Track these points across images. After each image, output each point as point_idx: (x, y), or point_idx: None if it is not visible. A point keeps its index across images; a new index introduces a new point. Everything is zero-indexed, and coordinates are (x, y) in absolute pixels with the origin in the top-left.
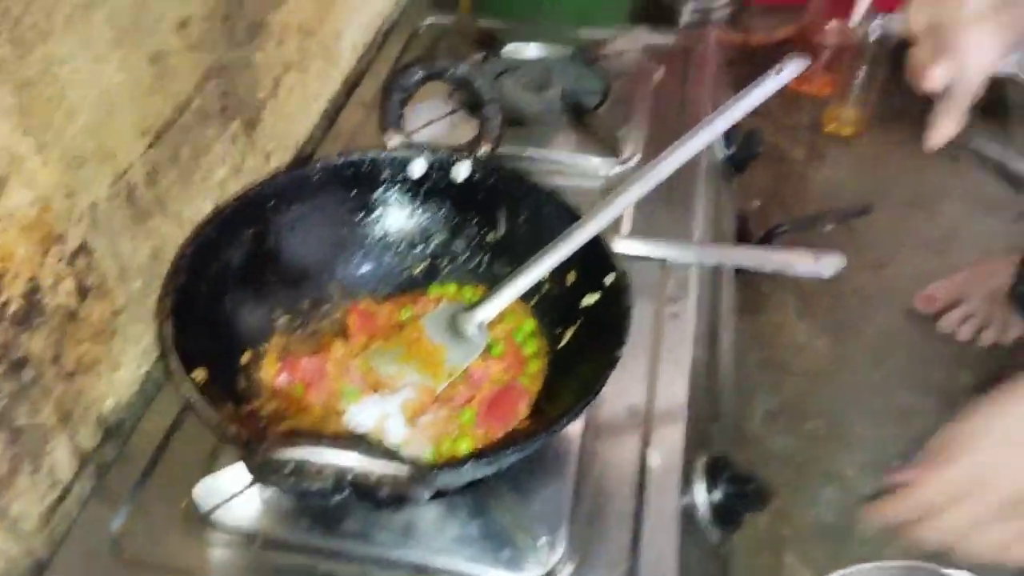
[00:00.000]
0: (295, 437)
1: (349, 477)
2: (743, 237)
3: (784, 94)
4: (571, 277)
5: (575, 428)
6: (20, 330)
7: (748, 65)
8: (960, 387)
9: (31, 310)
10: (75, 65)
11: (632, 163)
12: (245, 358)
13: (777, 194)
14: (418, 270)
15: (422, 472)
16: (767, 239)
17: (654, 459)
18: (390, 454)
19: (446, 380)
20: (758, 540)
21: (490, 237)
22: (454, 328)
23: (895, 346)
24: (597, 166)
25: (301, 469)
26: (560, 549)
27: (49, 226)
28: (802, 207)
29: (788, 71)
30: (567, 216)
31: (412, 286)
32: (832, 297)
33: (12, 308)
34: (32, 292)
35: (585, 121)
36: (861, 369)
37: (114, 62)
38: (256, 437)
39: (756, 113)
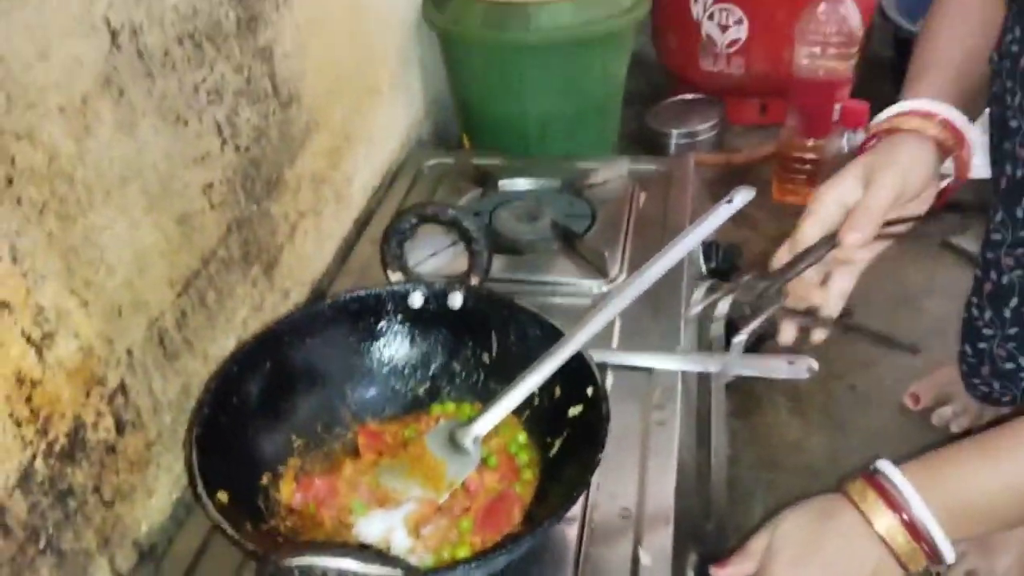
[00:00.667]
0: (300, 547)
1: None
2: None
3: (769, 206)
4: (557, 391)
5: (571, 531)
6: (65, 464)
7: (729, 182)
8: None
9: (75, 446)
10: (113, 231)
11: (619, 281)
12: (265, 479)
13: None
14: (421, 391)
15: (414, 574)
16: (755, 345)
17: (645, 558)
18: (384, 558)
19: (447, 491)
20: None
21: (485, 357)
22: (453, 443)
23: (890, 440)
24: (588, 286)
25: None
26: None
27: (91, 370)
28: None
29: (738, 200)
30: (552, 334)
31: (415, 406)
32: (824, 395)
33: (59, 445)
34: (76, 430)
35: (575, 246)
36: (857, 464)
37: (147, 226)
38: (271, 552)
39: (744, 224)
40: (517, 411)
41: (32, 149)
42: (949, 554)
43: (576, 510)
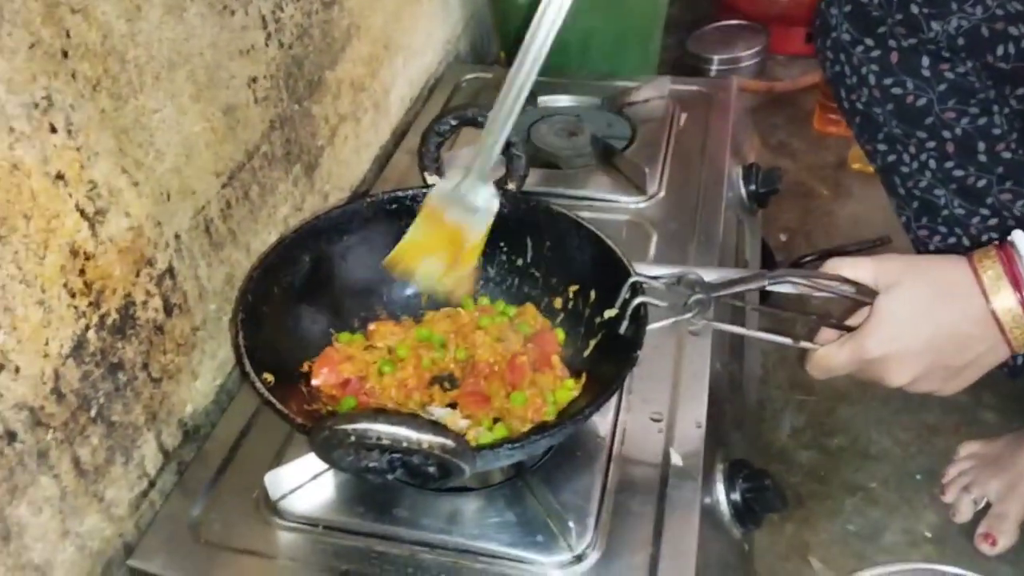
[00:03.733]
0: (355, 414)
1: (401, 451)
2: (768, 267)
3: (810, 135)
4: (593, 294)
5: (604, 430)
6: (116, 339)
7: (772, 111)
8: (981, 405)
9: (125, 322)
10: (162, 115)
11: (657, 198)
12: (306, 367)
13: (803, 228)
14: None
15: (465, 444)
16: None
17: (676, 459)
18: (437, 428)
19: (475, 255)
20: (785, 546)
21: (519, 261)
22: (465, 205)
23: None
24: (625, 202)
25: (361, 442)
26: (588, 536)
27: (141, 251)
28: (829, 240)
29: None
30: (589, 238)
31: (449, 305)
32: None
33: (110, 319)
34: (127, 307)
35: (613, 162)
36: (883, 390)
37: (194, 113)
38: (326, 418)
39: (783, 153)
40: (552, 314)
41: (87, 25)
42: None
43: (609, 413)
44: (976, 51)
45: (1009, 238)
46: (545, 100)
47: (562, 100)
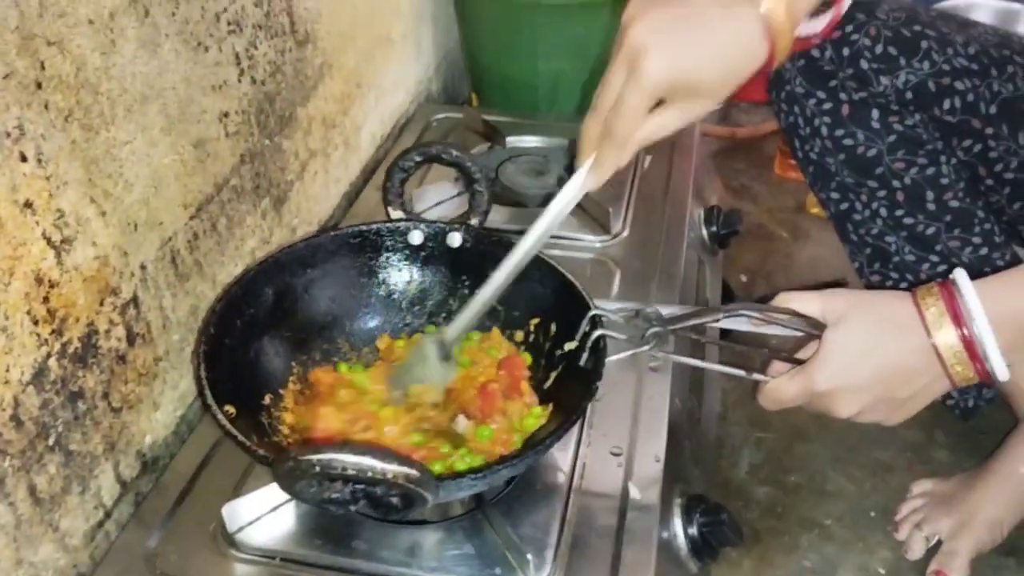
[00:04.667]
0: (319, 445)
1: (365, 482)
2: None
3: (771, 179)
4: (553, 327)
5: (564, 463)
6: (78, 367)
7: (734, 155)
8: (934, 444)
9: (87, 351)
10: (132, 147)
11: (621, 237)
12: (267, 399)
13: (763, 269)
14: (417, 325)
15: (429, 474)
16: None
17: (635, 493)
18: (401, 459)
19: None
20: None
21: None
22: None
23: None
24: (590, 241)
25: (325, 473)
26: (546, 569)
27: (106, 279)
28: (788, 281)
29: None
30: (550, 273)
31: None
32: None
33: (72, 347)
34: (89, 335)
35: (579, 202)
36: (840, 429)
37: (164, 146)
38: (291, 449)
39: (745, 196)
40: (514, 346)
41: (61, 57)
42: (1002, 372)
43: (570, 447)
44: (924, 104)
45: (951, 275)
46: (513, 140)
47: (530, 141)
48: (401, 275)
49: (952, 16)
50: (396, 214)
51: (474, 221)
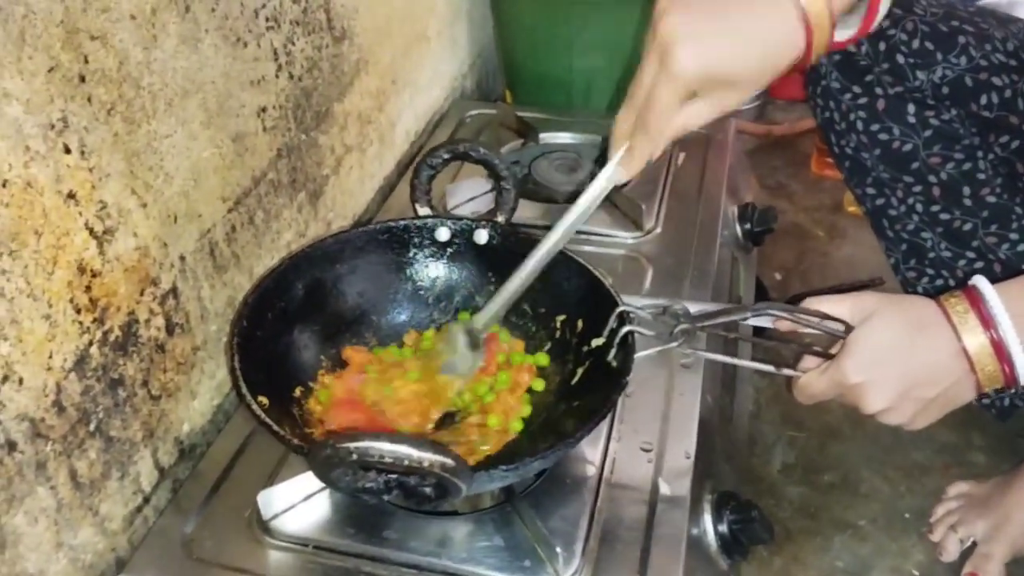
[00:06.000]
0: (357, 433)
1: (400, 471)
2: None
3: (808, 178)
4: (580, 324)
5: (593, 457)
6: (118, 355)
7: (770, 153)
8: (971, 447)
9: (128, 339)
10: (173, 140)
11: (654, 233)
12: (297, 392)
13: (798, 268)
14: (443, 320)
15: (464, 464)
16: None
17: (665, 488)
18: (436, 447)
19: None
20: None
21: None
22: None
23: None
24: (622, 237)
25: (362, 461)
26: (575, 563)
27: (146, 270)
28: (823, 280)
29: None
30: (577, 270)
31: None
32: None
33: (113, 336)
34: (130, 324)
35: (612, 199)
36: (874, 428)
37: (204, 139)
38: (328, 437)
39: (781, 194)
40: (539, 342)
41: (104, 52)
42: None
43: (599, 442)
44: (960, 100)
45: (971, 282)
46: (547, 137)
47: (563, 137)
48: (428, 271)
49: (992, 12)
50: (424, 211)
51: (501, 218)
